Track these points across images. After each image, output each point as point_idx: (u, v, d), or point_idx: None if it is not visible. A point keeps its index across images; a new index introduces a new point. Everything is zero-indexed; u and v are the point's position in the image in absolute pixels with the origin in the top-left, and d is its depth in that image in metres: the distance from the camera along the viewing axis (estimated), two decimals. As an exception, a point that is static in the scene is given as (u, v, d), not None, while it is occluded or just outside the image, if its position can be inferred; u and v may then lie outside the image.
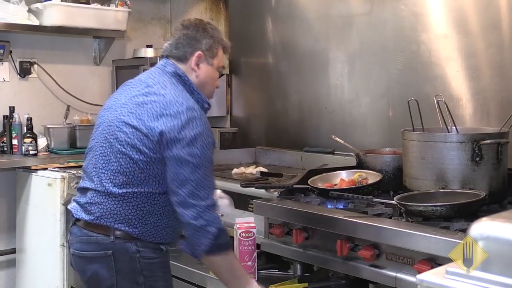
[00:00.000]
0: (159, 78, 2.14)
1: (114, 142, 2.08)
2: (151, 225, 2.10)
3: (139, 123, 2.05)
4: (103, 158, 2.11)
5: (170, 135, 2.01)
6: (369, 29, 3.36)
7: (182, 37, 2.19)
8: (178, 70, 2.16)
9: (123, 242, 2.07)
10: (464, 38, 2.92)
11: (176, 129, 2.01)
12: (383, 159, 2.77)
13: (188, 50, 2.17)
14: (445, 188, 2.37)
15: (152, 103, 2.06)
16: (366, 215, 2.27)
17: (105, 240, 2.07)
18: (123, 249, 2.07)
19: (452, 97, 2.91)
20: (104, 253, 2.07)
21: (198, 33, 2.19)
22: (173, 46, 2.19)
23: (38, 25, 3.89)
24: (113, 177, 2.07)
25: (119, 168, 2.06)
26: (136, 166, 2.04)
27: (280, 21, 3.91)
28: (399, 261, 2.05)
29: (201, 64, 2.18)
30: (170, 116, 2.03)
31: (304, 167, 3.46)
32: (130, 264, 2.08)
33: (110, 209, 2.07)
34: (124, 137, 2.06)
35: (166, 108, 2.04)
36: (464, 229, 1.93)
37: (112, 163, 2.08)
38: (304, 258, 2.41)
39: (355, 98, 3.46)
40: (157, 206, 2.10)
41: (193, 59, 2.17)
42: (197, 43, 2.18)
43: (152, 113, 2.05)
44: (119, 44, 4.44)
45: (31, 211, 3.84)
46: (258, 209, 2.56)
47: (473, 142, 2.35)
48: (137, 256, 2.08)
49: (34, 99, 4.16)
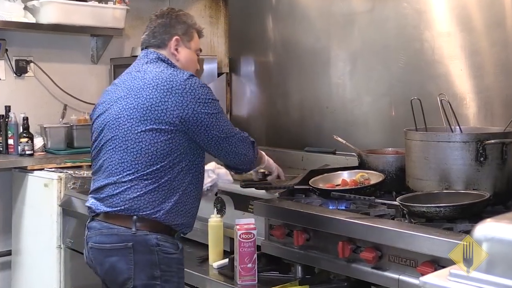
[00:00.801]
0: (146, 66, 2.26)
1: (128, 128, 2.17)
2: (173, 203, 2.18)
3: (150, 103, 2.15)
4: (119, 149, 2.18)
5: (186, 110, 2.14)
6: (371, 27, 3.35)
7: (157, 26, 2.33)
8: (160, 55, 2.29)
9: (144, 234, 2.14)
10: (468, 36, 2.92)
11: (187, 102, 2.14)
12: (385, 159, 2.76)
13: (165, 36, 2.31)
14: (448, 188, 2.37)
15: (155, 81, 2.17)
16: (368, 216, 2.27)
17: (126, 232, 2.15)
18: (143, 241, 2.14)
19: (455, 96, 2.90)
20: (124, 245, 2.14)
21: (172, 20, 2.32)
22: (150, 36, 2.33)
23: (35, 22, 3.89)
24: (135, 163, 2.15)
25: (140, 150, 2.15)
26: (158, 138, 2.14)
27: (280, 18, 3.90)
28: (401, 263, 2.05)
29: (179, 48, 2.32)
30: (175, 89, 2.14)
31: (305, 167, 3.45)
32: (149, 256, 2.15)
33: (132, 197, 2.15)
34: (139, 117, 2.16)
35: (169, 82, 2.16)
36: (468, 231, 1.91)
37: (130, 150, 2.16)
38: (305, 260, 2.41)
39: (356, 97, 3.45)
40: (178, 182, 2.18)
41: (171, 44, 2.31)
42: (172, 29, 2.31)
43: (158, 91, 2.15)
44: (117, 42, 4.43)
45: (27, 212, 3.83)
46: (258, 210, 2.56)
47: (477, 142, 2.35)
48: (157, 249, 2.15)
49: (31, 98, 4.15)
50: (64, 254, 3.65)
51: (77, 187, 3.66)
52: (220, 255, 2.82)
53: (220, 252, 2.83)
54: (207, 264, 2.83)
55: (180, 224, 2.23)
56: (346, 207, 2.46)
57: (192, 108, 2.14)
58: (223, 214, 2.97)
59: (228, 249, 2.87)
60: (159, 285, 2.16)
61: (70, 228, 3.62)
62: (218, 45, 4.38)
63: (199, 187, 2.29)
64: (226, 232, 2.84)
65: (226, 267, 2.72)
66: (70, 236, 3.61)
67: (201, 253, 2.92)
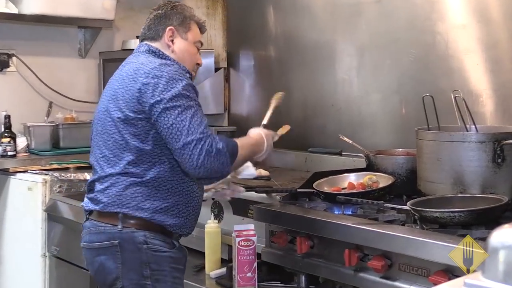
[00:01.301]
0: (133, 59, 2.32)
1: (103, 121, 2.25)
2: (162, 202, 2.19)
3: (118, 93, 2.22)
4: (100, 144, 2.26)
5: (149, 93, 2.15)
6: (380, 19, 3.36)
7: (153, 18, 2.39)
8: (151, 47, 2.34)
9: (130, 231, 2.18)
10: (484, 27, 2.92)
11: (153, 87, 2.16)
12: (395, 161, 2.77)
13: (160, 28, 2.36)
14: (463, 192, 2.37)
15: (129, 71, 2.24)
16: (376, 221, 2.27)
17: (113, 230, 2.19)
18: (130, 239, 2.18)
19: (471, 93, 2.91)
20: (110, 243, 2.19)
21: (167, 11, 2.37)
22: (146, 29, 2.40)
23: (17, 13, 3.89)
24: (112, 156, 2.21)
25: (114, 142, 2.21)
26: (127, 129, 2.17)
27: (282, 10, 3.91)
28: (413, 272, 2.05)
29: (175, 39, 2.36)
30: (139, 76, 2.19)
31: (308, 170, 3.46)
32: (136, 255, 2.18)
33: (115, 191, 2.20)
34: (113, 110, 2.21)
35: (138, 70, 2.21)
36: (484, 238, 1.92)
37: (107, 142, 2.23)
38: (308, 269, 2.41)
39: (364, 94, 3.46)
40: (166, 179, 2.20)
41: (166, 35, 2.35)
42: (168, 20, 2.36)
43: (127, 80, 2.22)
44: (106, 35, 4.44)
45: (9, 218, 3.84)
46: (259, 215, 2.56)
47: (494, 142, 2.35)
48: (144, 247, 2.18)
49: (13, 94, 4.15)
50: (49, 263, 3.65)
51: (63, 190, 3.66)
52: (218, 263, 2.83)
53: (218, 261, 2.83)
54: (204, 273, 2.84)
55: (173, 225, 2.24)
56: (353, 212, 2.46)
57: (154, 95, 2.15)
58: (220, 219, 2.97)
59: (226, 257, 2.88)
60: (150, 285, 2.18)
61: (56, 235, 3.61)
62: (215, 38, 4.39)
63: (194, 186, 2.29)
64: (224, 239, 2.85)
65: (224, 276, 2.72)
66: (55, 244, 3.61)
67: (197, 262, 2.92)
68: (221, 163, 2.14)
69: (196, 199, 2.31)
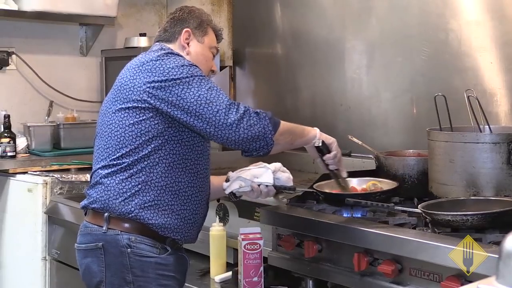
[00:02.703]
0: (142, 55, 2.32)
1: (103, 113, 2.27)
2: (152, 197, 2.16)
3: (121, 83, 2.23)
4: (98, 136, 2.29)
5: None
6: (391, 15, 3.36)
7: (170, 21, 2.41)
8: (164, 47, 2.33)
9: (114, 234, 2.17)
10: (499, 24, 2.91)
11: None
12: (406, 162, 2.76)
13: (176, 29, 2.37)
14: (476, 195, 2.37)
15: (133, 63, 2.28)
16: (386, 225, 2.27)
17: (98, 231, 2.20)
18: (113, 241, 2.16)
19: (485, 92, 2.90)
20: (95, 245, 2.20)
21: (184, 14, 2.39)
22: (161, 32, 2.41)
23: (17, 10, 3.91)
24: (105, 147, 2.22)
25: (110, 133, 2.21)
26: (126, 119, 2.18)
27: (289, 6, 3.91)
28: (424, 277, 2.05)
29: (191, 42, 2.37)
30: (145, 65, 2.22)
31: (317, 171, 3.45)
32: (119, 259, 2.16)
33: (104, 187, 2.20)
34: (114, 101, 2.23)
35: (142, 60, 2.24)
36: (498, 242, 1.92)
37: (103, 134, 2.24)
38: (316, 273, 2.41)
39: (374, 93, 3.46)
40: (159, 173, 2.17)
41: (182, 36, 2.36)
42: (184, 23, 2.37)
43: (130, 70, 2.24)
44: (108, 32, 4.45)
45: (8, 221, 3.85)
46: (265, 218, 2.56)
47: (509, 143, 2.35)
48: (128, 251, 2.15)
49: (13, 94, 4.17)
50: (49, 266, 3.66)
51: (64, 192, 3.67)
52: (223, 267, 2.83)
53: (223, 265, 2.84)
54: (209, 278, 2.84)
55: (162, 226, 2.17)
56: (362, 215, 2.46)
57: (160, 78, 2.16)
58: (226, 222, 2.97)
59: (231, 261, 2.88)
60: None
61: (57, 238, 3.63)
62: (220, 35, 4.39)
63: (195, 186, 2.25)
64: (230, 243, 2.85)
65: (229, 281, 2.73)
66: (56, 247, 3.62)
67: (201, 266, 2.93)
68: (263, 126, 2.16)
69: (195, 202, 2.25)
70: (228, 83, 4.24)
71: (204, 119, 2.13)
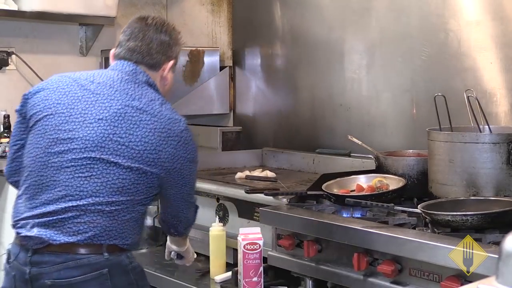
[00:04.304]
0: (139, 91, 2.14)
1: (116, 162, 2.09)
2: (137, 233, 2.20)
3: (146, 147, 2.09)
4: (97, 178, 2.10)
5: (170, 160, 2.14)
6: (390, 16, 3.36)
7: (156, 41, 2.20)
8: (150, 80, 2.19)
9: (116, 256, 2.13)
10: (499, 25, 2.91)
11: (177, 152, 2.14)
12: (405, 162, 2.77)
13: (162, 58, 2.21)
14: (476, 195, 2.37)
15: (154, 123, 2.10)
16: (386, 225, 2.27)
17: (99, 259, 2.10)
18: (117, 264, 2.13)
19: (484, 92, 2.90)
20: (98, 273, 2.10)
21: (171, 39, 2.23)
22: (144, 52, 2.20)
23: (16, 10, 3.90)
24: (113, 195, 2.10)
25: (123, 188, 2.10)
26: (144, 182, 2.12)
27: (289, 6, 3.91)
28: (424, 277, 2.05)
29: (169, 73, 2.25)
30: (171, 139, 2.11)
31: (316, 171, 3.46)
32: (125, 277, 2.15)
33: (104, 226, 2.10)
34: (133, 157, 2.09)
35: (169, 127, 2.11)
36: (498, 242, 1.92)
37: (112, 183, 2.10)
38: (316, 273, 2.41)
39: (374, 93, 3.46)
40: (140, 212, 2.19)
41: (166, 67, 2.23)
42: (170, 51, 2.23)
43: (157, 136, 2.10)
44: (108, 32, 4.45)
45: (8, 221, 3.83)
46: (265, 218, 2.56)
47: (509, 143, 2.35)
48: (130, 268, 2.16)
49: (12, 93, 4.16)
50: None
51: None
52: (223, 268, 2.83)
53: (223, 265, 2.84)
54: (208, 278, 2.84)
55: (136, 248, 2.32)
56: (362, 215, 2.46)
57: (181, 162, 2.15)
58: (225, 222, 2.97)
59: (231, 261, 2.88)
60: None
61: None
62: (220, 35, 4.39)
63: None
64: (229, 243, 2.85)
65: (229, 281, 2.73)
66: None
67: (201, 266, 2.93)
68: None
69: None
70: (228, 83, 4.24)
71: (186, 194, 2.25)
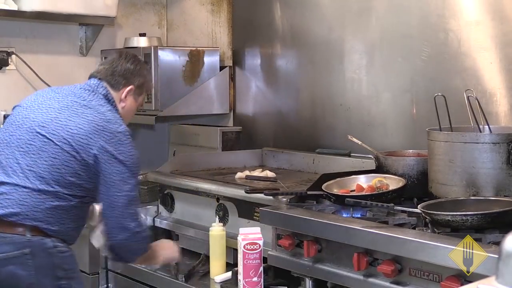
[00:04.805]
0: (93, 97, 2.56)
1: (51, 140, 2.41)
2: (66, 224, 2.39)
3: (79, 132, 2.42)
4: (33, 154, 2.40)
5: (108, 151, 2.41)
6: (390, 15, 3.36)
7: (120, 66, 2.64)
8: (109, 95, 2.59)
9: (39, 238, 2.33)
10: (499, 25, 2.91)
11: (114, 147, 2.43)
12: (405, 162, 2.76)
13: (123, 81, 2.63)
14: (476, 195, 2.37)
15: (94, 116, 2.46)
16: (386, 225, 2.27)
17: (21, 239, 2.32)
18: (40, 246, 2.33)
19: (484, 92, 2.90)
20: (20, 252, 2.31)
21: (135, 69, 2.66)
22: (109, 72, 2.64)
23: (16, 10, 3.90)
24: (44, 174, 2.36)
25: (53, 166, 2.37)
26: (72, 166, 2.39)
27: (289, 6, 3.91)
28: (424, 277, 2.05)
29: (128, 97, 2.63)
30: (109, 132, 2.44)
31: (316, 171, 3.46)
32: (48, 259, 2.34)
33: (31, 205, 2.33)
34: (66, 137, 2.41)
35: (107, 124, 2.45)
36: (498, 242, 1.92)
37: (44, 160, 2.39)
38: (316, 273, 2.41)
39: (374, 93, 3.46)
40: (77, 209, 2.43)
41: (125, 90, 2.62)
42: (132, 78, 2.64)
43: (92, 127, 2.43)
44: (108, 32, 4.45)
45: None
46: (265, 218, 2.56)
47: (509, 143, 2.35)
48: (55, 251, 2.34)
49: (12, 94, 4.16)
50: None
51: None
52: (223, 267, 2.83)
53: (223, 265, 2.84)
54: (208, 278, 2.84)
55: (68, 242, 2.47)
56: (362, 215, 2.46)
57: (108, 156, 2.41)
58: (225, 222, 2.97)
59: (231, 261, 2.89)
60: (66, 284, 2.36)
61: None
62: (220, 35, 4.39)
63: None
64: (229, 243, 2.85)
65: (229, 281, 2.73)
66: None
67: (201, 266, 2.93)
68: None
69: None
70: (227, 83, 4.24)
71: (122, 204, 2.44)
